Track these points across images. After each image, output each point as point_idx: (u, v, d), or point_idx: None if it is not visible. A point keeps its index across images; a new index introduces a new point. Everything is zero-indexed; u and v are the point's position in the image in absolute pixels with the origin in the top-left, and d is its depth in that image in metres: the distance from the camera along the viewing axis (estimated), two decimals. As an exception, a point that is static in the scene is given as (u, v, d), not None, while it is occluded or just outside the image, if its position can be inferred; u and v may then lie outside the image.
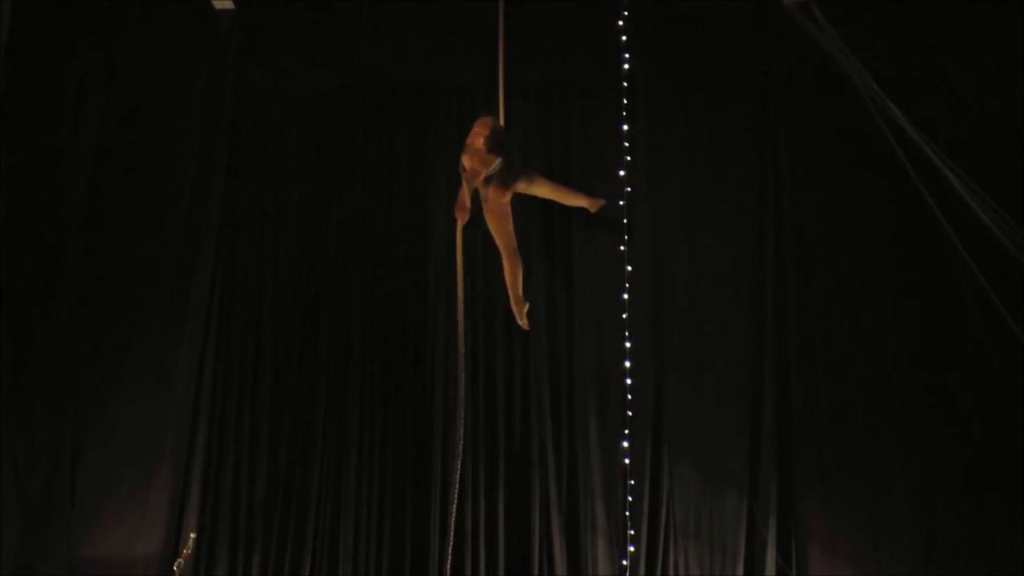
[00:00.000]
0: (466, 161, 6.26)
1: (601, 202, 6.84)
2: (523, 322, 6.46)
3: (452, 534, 6.14)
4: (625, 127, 7.50)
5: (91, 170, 7.36)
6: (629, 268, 7.33)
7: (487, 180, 6.28)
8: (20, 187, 7.25)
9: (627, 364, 7.23)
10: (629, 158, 7.48)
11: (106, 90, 7.48)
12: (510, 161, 6.39)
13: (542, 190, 6.75)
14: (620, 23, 7.53)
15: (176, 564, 6.84)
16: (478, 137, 6.26)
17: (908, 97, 6.81)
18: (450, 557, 6.13)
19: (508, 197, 6.44)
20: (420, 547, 7.02)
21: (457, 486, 6.16)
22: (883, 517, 7.05)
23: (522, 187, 6.49)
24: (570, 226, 7.45)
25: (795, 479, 7.18)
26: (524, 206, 7.12)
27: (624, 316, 7.22)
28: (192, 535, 6.89)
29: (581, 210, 7.19)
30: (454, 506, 6.15)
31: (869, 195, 7.29)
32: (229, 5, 7.46)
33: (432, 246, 7.44)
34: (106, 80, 7.48)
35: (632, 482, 7.02)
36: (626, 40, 7.53)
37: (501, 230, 6.43)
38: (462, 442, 6.27)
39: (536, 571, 6.97)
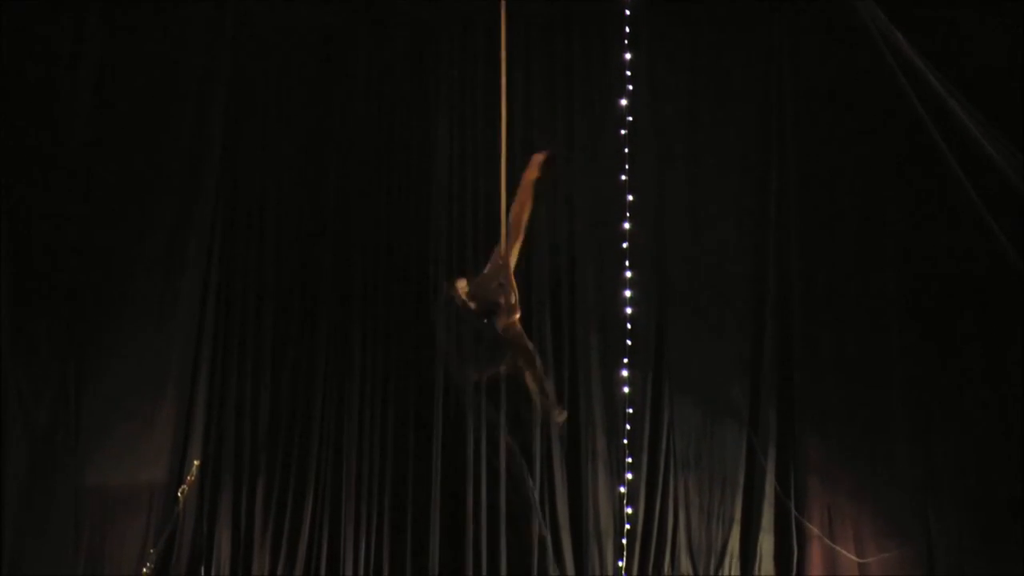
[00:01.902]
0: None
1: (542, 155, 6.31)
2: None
3: None
4: (628, 56, 7.45)
5: (91, 102, 7.32)
6: (630, 198, 7.32)
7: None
8: (19, 118, 7.21)
9: (627, 294, 7.25)
10: (631, 87, 7.45)
11: (106, 22, 7.42)
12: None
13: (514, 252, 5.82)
14: (623, -47, 7.48)
15: (180, 491, 6.90)
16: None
17: (914, 32, 6.75)
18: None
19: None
20: (422, 476, 7.08)
21: None
22: (881, 449, 7.13)
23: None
24: (572, 156, 7.45)
25: (795, 411, 7.24)
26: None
27: (624, 246, 7.21)
28: (196, 463, 6.96)
29: (582, 145, 7.27)
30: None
31: (873, 126, 7.27)
32: (229, -63, 7.42)
33: (434, 178, 7.42)
34: (105, 11, 7.42)
35: (631, 411, 7.03)
36: (629, -30, 7.49)
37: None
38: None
39: (537, 500, 7.04)
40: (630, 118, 7.40)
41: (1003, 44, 7.03)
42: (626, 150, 7.36)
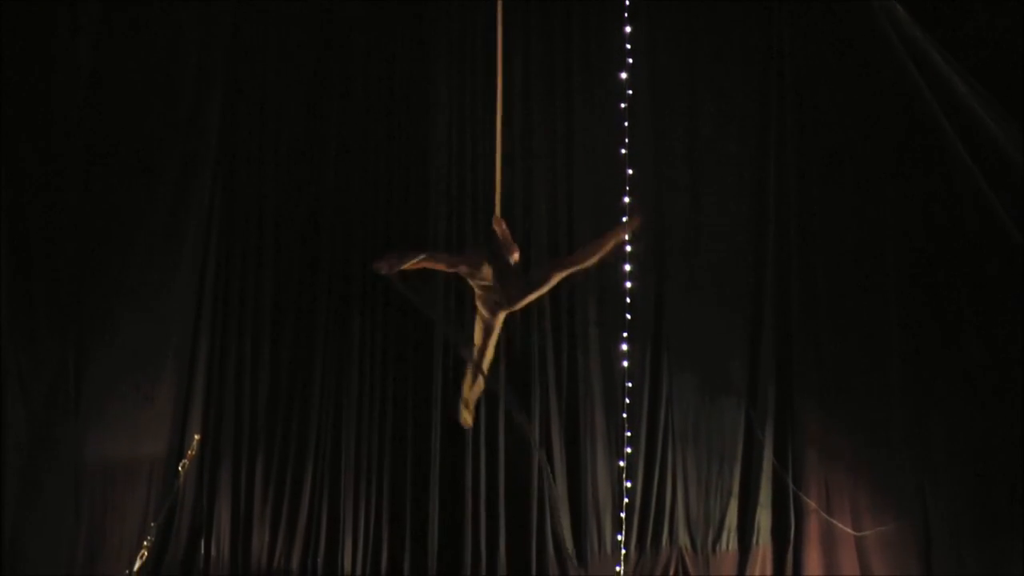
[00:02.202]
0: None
1: (635, 221, 6.36)
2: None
3: None
4: (628, 28, 7.43)
5: (88, 74, 7.28)
6: (630, 172, 7.30)
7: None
8: (15, 93, 7.18)
9: (627, 268, 7.25)
10: (631, 60, 7.42)
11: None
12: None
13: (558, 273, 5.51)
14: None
15: (181, 466, 6.92)
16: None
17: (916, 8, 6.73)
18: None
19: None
20: (422, 447, 7.10)
21: None
22: (880, 423, 7.13)
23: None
24: (571, 119, 7.44)
25: (793, 384, 7.26)
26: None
27: (624, 219, 7.20)
28: (196, 437, 6.98)
29: (583, 103, 7.25)
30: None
31: (873, 96, 7.23)
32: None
33: (433, 142, 7.41)
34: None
35: (630, 385, 7.04)
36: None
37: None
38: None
39: (536, 472, 7.06)
40: (630, 92, 7.37)
41: (1004, 16, 6.98)
42: (625, 124, 7.33)
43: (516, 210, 7.10)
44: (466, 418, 5.56)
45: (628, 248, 7.18)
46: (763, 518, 7.09)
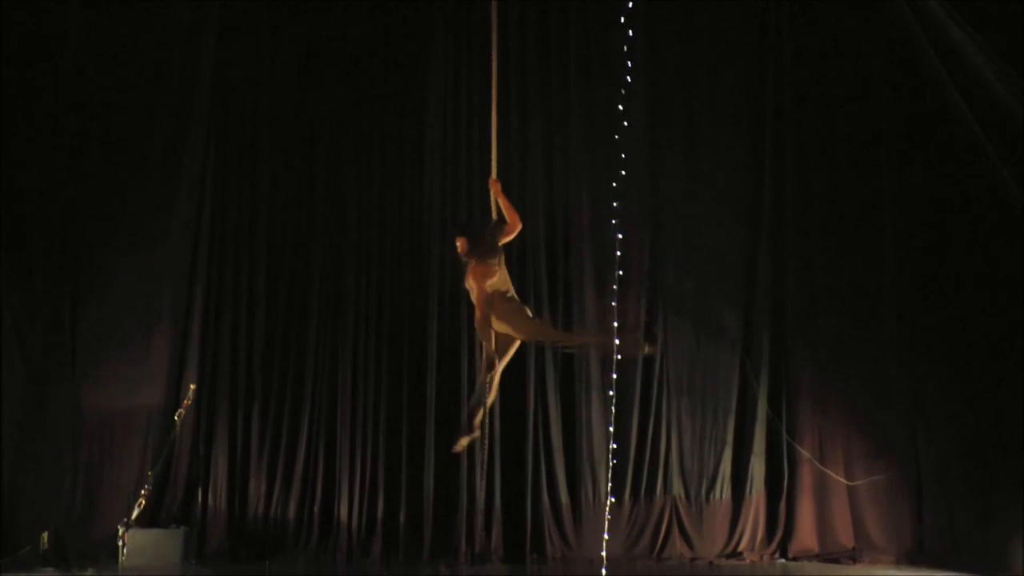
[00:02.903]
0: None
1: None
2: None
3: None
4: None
5: (79, 30, 7.19)
6: (625, 123, 7.25)
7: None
8: (9, 46, 7.09)
9: (614, 222, 7.13)
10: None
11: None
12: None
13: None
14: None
15: (177, 415, 6.97)
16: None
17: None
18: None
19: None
20: (418, 395, 7.12)
21: None
22: (873, 374, 7.17)
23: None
24: (567, 76, 7.39)
25: (787, 336, 7.27)
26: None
27: (622, 173, 7.15)
28: (192, 387, 7.02)
29: (580, 60, 7.24)
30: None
31: (870, 53, 7.17)
32: None
33: (429, 100, 7.35)
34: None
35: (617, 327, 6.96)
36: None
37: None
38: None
39: (531, 424, 7.09)
40: (629, 63, 7.28)
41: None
42: (623, 92, 7.26)
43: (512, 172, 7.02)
44: (465, 442, 5.26)
45: (615, 205, 7.08)
46: (757, 467, 7.13)
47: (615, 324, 5.43)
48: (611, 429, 6.93)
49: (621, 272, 7.02)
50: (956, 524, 6.73)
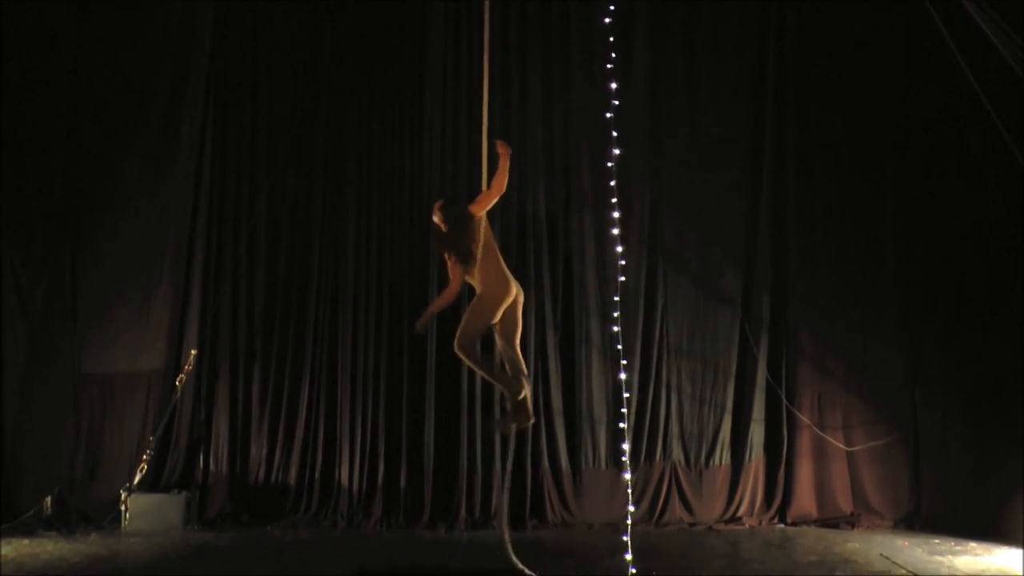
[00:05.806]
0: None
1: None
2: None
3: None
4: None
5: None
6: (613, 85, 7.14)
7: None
8: (12, 5, 7.05)
9: (612, 183, 6.96)
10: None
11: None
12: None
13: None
14: None
15: (178, 379, 6.98)
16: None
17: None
18: None
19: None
20: (418, 360, 7.10)
21: None
22: (872, 338, 7.16)
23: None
24: (568, 53, 7.33)
25: (788, 299, 7.25)
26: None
27: (615, 134, 7.01)
28: (193, 352, 7.03)
29: (580, 25, 7.17)
30: None
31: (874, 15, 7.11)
32: None
33: (428, 67, 7.31)
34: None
35: (617, 299, 6.90)
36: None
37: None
38: None
39: (532, 385, 7.07)
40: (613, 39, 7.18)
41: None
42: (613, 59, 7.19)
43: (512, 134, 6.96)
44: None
45: (612, 168, 6.95)
46: (756, 433, 7.13)
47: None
48: (627, 396, 6.82)
49: (617, 231, 6.86)
50: (954, 489, 6.76)
